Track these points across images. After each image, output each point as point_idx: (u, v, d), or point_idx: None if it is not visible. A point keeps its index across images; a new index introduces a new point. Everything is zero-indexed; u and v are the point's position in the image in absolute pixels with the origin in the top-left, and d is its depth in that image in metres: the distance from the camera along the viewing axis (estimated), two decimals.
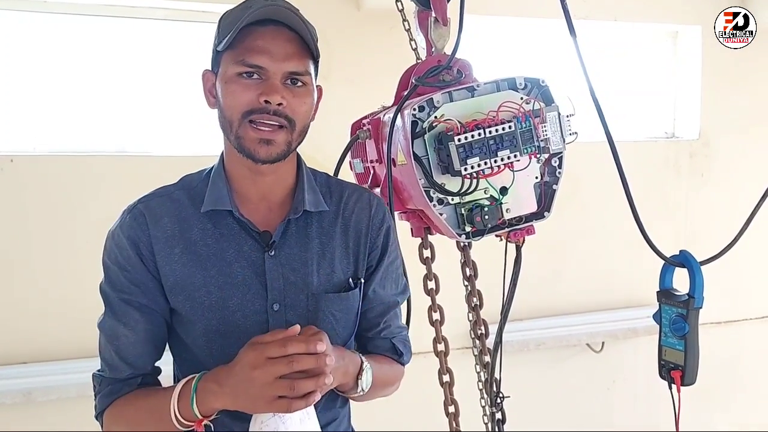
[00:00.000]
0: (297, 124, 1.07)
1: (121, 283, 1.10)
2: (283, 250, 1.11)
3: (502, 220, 1.31)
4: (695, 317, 1.33)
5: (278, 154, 1.06)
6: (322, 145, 1.59)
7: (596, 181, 2.54)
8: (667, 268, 1.40)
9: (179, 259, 1.08)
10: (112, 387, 1.12)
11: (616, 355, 3.31)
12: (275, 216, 1.13)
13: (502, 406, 1.62)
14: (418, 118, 1.25)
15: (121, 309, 1.10)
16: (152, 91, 2.72)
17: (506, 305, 1.46)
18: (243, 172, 1.11)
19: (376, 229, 1.20)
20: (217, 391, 0.98)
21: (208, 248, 1.09)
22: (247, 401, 0.95)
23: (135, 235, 1.09)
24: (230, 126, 1.06)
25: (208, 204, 1.10)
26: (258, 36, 1.04)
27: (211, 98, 1.12)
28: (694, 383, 1.35)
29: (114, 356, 1.11)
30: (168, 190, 1.15)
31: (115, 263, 1.10)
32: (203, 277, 1.08)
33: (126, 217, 1.11)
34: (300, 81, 1.06)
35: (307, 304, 1.11)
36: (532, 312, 3.12)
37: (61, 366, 2.48)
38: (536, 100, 1.27)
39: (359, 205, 1.20)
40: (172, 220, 1.10)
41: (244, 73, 1.03)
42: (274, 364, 0.93)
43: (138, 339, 1.11)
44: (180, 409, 1.01)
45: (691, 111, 3.42)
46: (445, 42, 1.50)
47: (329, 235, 1.15)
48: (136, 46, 2.70)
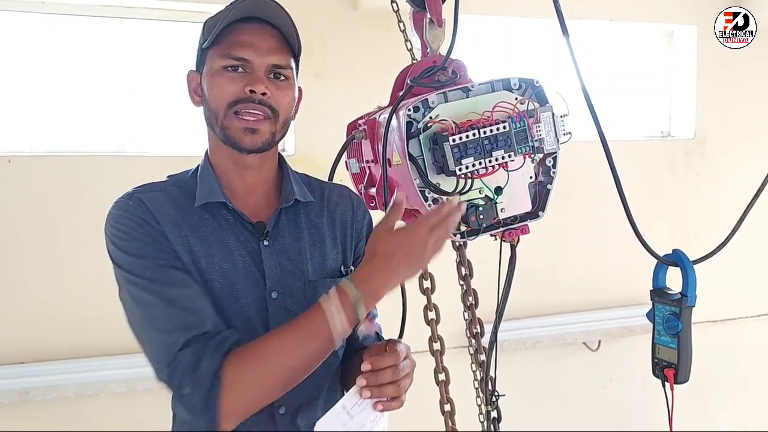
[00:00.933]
0: (280, 116, 1.11)
1: (150, 252, 1.04)
2: (277, 240, 1.15)
3: (497, 219, 1.32)
4: (688, 316, 1.34)
5: (263, 143, 1.10)
6: (319, 145, 1.60)
7: (593, 180, 2.54)
8: (660, 267, 1.41)
9: (186, 242, 1.09)
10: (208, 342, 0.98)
11: (613, 354, 3.32)
12: (263, 208, 1.17)
13: (497, 405, 1.62)
14: (413, 119, 1.26)
15: (162, 274, 1.03)
16: (150, 91, 2.73)
17: (501, 304, 1.46)
18: (229, 166, 1.15)
19: (360, 220, 1.28)
20: (386, 280, 1.02)
21: (211, 235, 1.11)
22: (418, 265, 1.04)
23: (143, 214, 1.08)
24: (216, 118, 1.10)
25: (201, 198, 1.13)
26: (242, 31, 1.10)
27: (196, 97, 1.16)
28: (688, 381, 1.35)
29: (185, 315, 1.00)
30: (159, 186, 1.17)
31: (134, 239, 1.05)
32: (208, 264, 1.09)
33: (128, 202, 1.10)
34: (282, 75, 1.12)
35: (304, 291, 1.15)
36: (528, 311, 3.13)
37: (59, 366, 2.49)
38: (530, 101, 1.28)
39: (342, 199, 1.28)
40: (172, 209, 1.12)
41: (229, 66, 1.09)
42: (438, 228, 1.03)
43: (196, 292, 1.04)
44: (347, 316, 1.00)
45: (687, 110, 3.44)
46: (440, 43, 1.50)
47: (317, 226, 1.21)
48: (134, 46, 2.71)
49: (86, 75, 2.65)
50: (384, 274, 1.02)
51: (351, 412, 1.05)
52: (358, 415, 1.05)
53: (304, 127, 2.61)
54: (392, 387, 1.05)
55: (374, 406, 1.05)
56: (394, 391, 1.05)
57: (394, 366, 1.05)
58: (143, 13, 2.68)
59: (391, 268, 1.02)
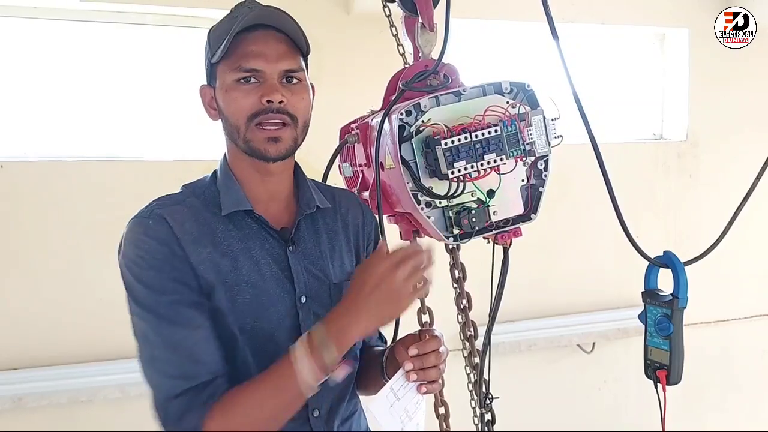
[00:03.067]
0: (299, 120, 1.12)
1: (164, 286, 1.04)
2: (300, 245, 1.17)
3: (490, 222, 1.32)
4: (680, 317, 1.34)
5: (287, 150, 1.11)
6: (313, 149, 1.59)
7: (586, 182, 2.54)
8: (652, 269, 1.42)
9: (210, 258, 1.08)
10: (199, 394, 1.01)
11: (607, 356, 3.33)
12: (284, 214, 1.19)
13: (491, 407, 1.63)
14: (406, 123, 1.26)
15: (173, 312, 1.03)
16: (144, 96, 2.72)
17: (494, 307, 1.47)
18: (251, 174, 1.15)
19: (369, 223, 1.31)
20: (353, 318, 1.01)
21: (236, 247, 1.11)
22: (392, 305, 1.02)
23: (164, 236, 1.06)
24: (238, 132, 1.10)
25: (228, 206, 1.12)
26: (249, 42, 1.09)
27: (212, 111, 1.16)
28: (680, 382, 1.36)
29: (185, 363, 1.02)
30: (178, 199, 1.14)
31: (151, 268, 1.04)
32: (235, 276, 1.09)
33: (148, 222, 1.07)
34: (295, 78, 1.12)
35: (330, 295, 1.17)
36: (523, 313, 3.13)
37: (53, 372, 2.48)
38: (522, 104, 1.29)
39: (351, 203, 1.30)
40: (194, 224, 1.09)
41: (242, 78, 1.08)
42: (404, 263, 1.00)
43: (202, 336, 1.04)
44: (315, 362, 0.99)
45: (679, 112, 3.45)
46: (432, 47, 1.51)
47: (334, 231, 1.23)
48: (127, 51, 2.70)
49: (80, 80, 2.65)
50: (350, 314, 1.01)
51: (398, 394, 1.15)
52: (404, 397, 1.15)
53: None
54: (435, 370, 1.16)
55: (418, 388, 1.16)
56: (436, 374, 1.16)
57: (437, 351, 1.16)
58: (136, 18, 2.68)
59: (358, 307, 1.00)
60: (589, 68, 3.34)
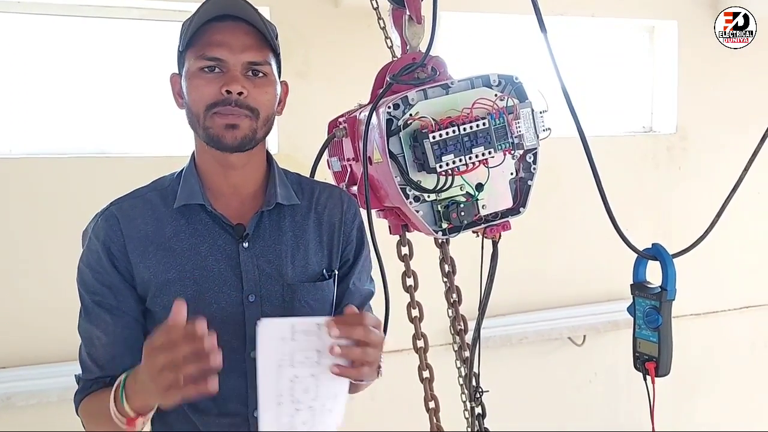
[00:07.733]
0: (261, 113, 1.10)
1: (92, 285, 1.12)
2: (257, 243, 1.14)
3: (479, 216, 1.32)
4: (668, 309, 1.35)
5: (243, 138, 1.08)
6: (301, 144, 1.59)
7: (576, 175, 2.54)
8: (641, 261, 1.42)
9: (154, 257, 1.11)
10: (84, 385, 1.14)
11: (598, 348, 3.34)
12: (248, 209, 1.16)
13: (481, 401, 1.63)
14: (393, 116, 1.26)
15: (93, 311, 1.12)
16: (130, 91, 2.70)
17: (483, 301, 1.47)
18: (214, 166, 1.14)
19: (350, 223, 1.24)
20: (134, 386, 0.98)
21: (182, 244, 1.12)
22: (154, 394, 0.91)
23: (107, 236, 1.11)
24: (197, 120, 1.10)
25: (180, 200, 1.13)
26: (216, 31, 1.08)
27: (179, 99, 1.16)
28: (669, 374, 1.37)
29: (86, 358, 1.13)
30: (141, 192, 1.17)
31: (87, 265, 1.13)
32: (178, 273, 1.10)
33: (98, 219, 1.13)
34: (260, 71, 1.10)
35: (282, 295, 1.14)
36: (513, 307, 3.14)
37: (42, 370, 2.45)
38: (510, 97, 1.28)
39: (331, 201, 1.24)
40: (146, 220, 1.13)
41: (205, 67, 1.08)
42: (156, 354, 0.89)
43: (109, 341, 1.11)
44: (116, 406, 1.00)
45: (668, 105, 3.46)
46: (419, 40, 1.50)
47: (302, 228, 1.19)
48: (113, 46, 2.68)
49: (66, 75, 2.62)
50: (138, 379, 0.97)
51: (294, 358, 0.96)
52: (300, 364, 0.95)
53: (287, 126, 2.60)
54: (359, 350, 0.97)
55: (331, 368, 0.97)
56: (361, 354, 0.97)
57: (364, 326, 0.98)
58: (122, 13, 2.66)
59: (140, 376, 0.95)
60: (578, 61, 3.34)
